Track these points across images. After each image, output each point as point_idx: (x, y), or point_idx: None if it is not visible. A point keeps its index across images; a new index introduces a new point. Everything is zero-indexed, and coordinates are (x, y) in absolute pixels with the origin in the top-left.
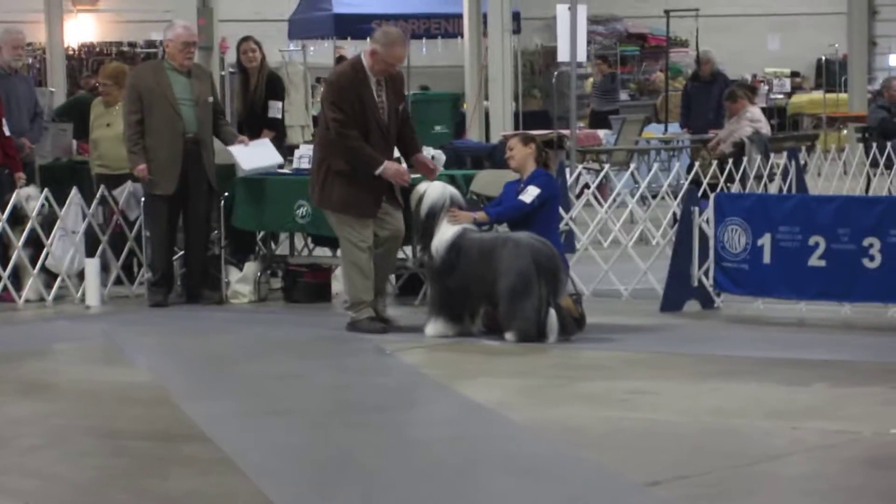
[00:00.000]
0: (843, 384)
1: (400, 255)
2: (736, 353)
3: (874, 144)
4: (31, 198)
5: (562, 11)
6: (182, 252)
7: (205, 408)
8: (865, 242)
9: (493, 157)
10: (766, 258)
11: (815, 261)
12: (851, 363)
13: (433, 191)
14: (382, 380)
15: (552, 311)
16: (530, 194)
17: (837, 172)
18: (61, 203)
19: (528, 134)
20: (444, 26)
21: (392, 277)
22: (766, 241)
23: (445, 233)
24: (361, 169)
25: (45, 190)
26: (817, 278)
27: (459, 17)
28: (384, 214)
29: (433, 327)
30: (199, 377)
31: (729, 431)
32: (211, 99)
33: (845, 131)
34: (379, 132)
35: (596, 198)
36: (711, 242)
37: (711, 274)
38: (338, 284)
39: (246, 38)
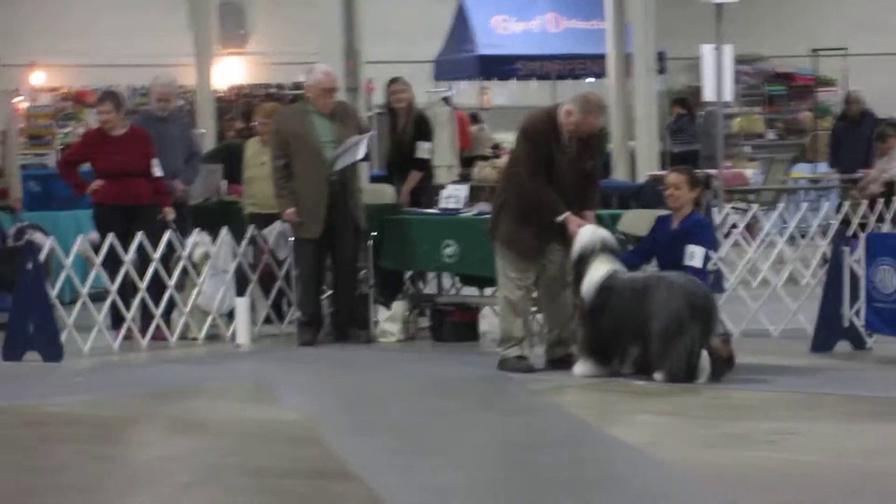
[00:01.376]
0: None
1: None
2: (887, 395)
3: None
4: (199, 244)
5: (707, 51)
6: (331, 291)
7: (354, 446)
8: None
9: (640, 196)
10: None
11: None
12: None
13: (585, 233)
14: (530, 419)
15: (703, 352)
16: (698, 257)
17: None
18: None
19: (695, 175)
20: (589, 66)
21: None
22: None
23: (595, 274)
24: (539, 211)
25: (197, 230)
26: None
27: (603, 57)
28: (548, 258)
29: (582, 367)
30: (348, 415)
31: (878, 474)
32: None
33: None
34: (560, 186)
35: (745, 237)
36: (862, 282)
37: (863, 314)
38: (485, 323)
39: (395, 80)
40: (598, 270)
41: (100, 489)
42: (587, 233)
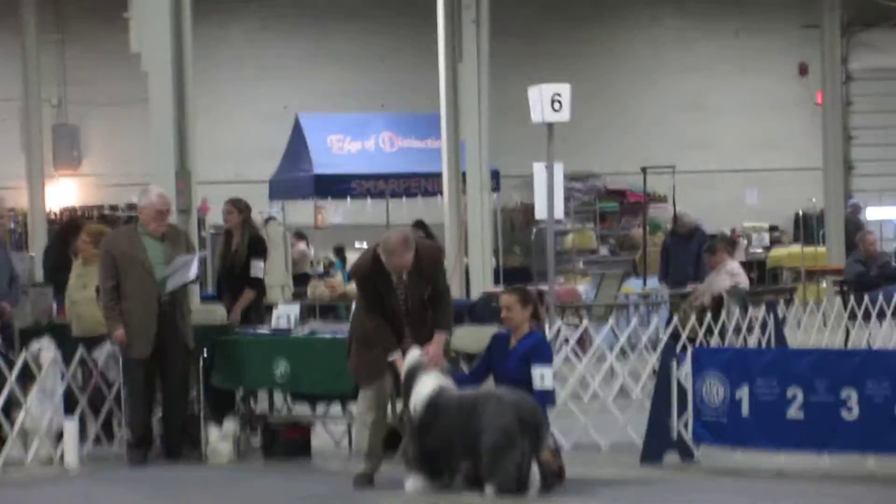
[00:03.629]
0: None
1: None
2: None
3: (852, 297)
4: (44, 349)
5: (538, 169)
6: (161, 412)
7: None
8: (843, 394)
9: (473, 312)
10: (745, 411)
11: (793, 412)
12: None
13: (411, 355)
14: None
15: (534, 466)
16: (548, 379)
17: (816, 324)
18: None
19: (526, 293)
20: (423, 185)
21: None
22: (744, 393)
23: (422, 390)
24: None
25: (24, 350)
26: (795, 430)
27: (439, 175)
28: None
29: (412, 483)
30: None
31: None
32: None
33: (824, 284)
34: (395, 318)
35: (576, 352)
36: (690, 395)
37: (690, 426)
38: (317, 441)
39: (229, 200)
40: (426, 386)
41: None
42: (414, 354)
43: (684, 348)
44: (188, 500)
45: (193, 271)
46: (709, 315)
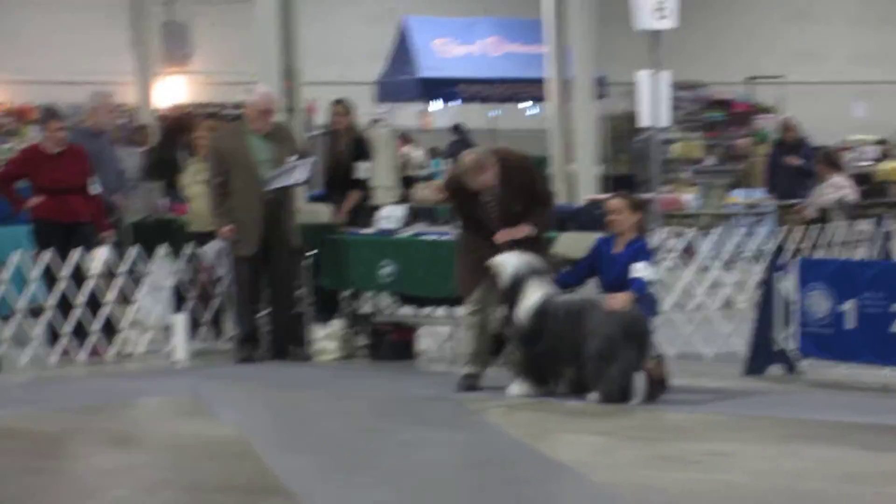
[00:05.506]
0: None
1: None
2: (817, 417)
3: None
4: (97, 258)
5: (643, 77)
6: (269, 309)
7: (289, 463)
8: None
9: (578, 219)
10: (850, 323)
11: None
12: None
13: (511, 260)
14: (464, 438)
15: (637, 374)
16: (648, 272)
17: None
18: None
19: (636, 199)
20: (529, 91)
21: None
22: (849, 306)
23: (530, 299)
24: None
25: (137, 245)
26: None
27: (542, 81)
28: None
29: (518, 388)
30: (284, 433)
31: (808, 495)
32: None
33: None
34: (489, 230)
35: (681, 261)
36: (794, 308)
37: (794, 339)
38: (423, 342)
39: (336, 101)
40: (533, 294)
41: (35, 503)
42: (513, 259)
43: (790, 260)
44: (293, 397)
45: (302, 174)
46: (816, 227)
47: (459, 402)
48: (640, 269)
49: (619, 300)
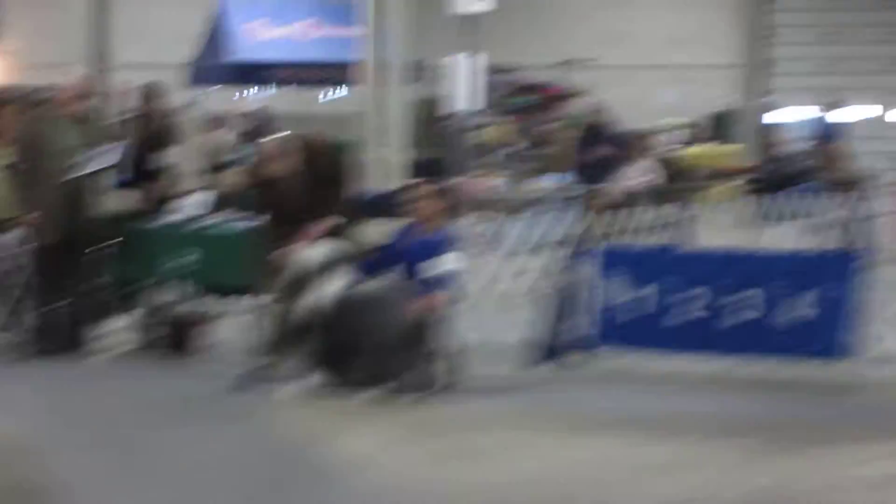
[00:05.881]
0: (712, 437)
1: None
2: (608, 408)
3: (766, 196)
4: None
5: (458, 60)
6: (70, 299)
7: (62, 463)
8: (747, 294)
9: (385, 205)
10: (650, 309)
11: (697, 313)
12: (721, 416)
13: (314, 249)
14: (252, 432)
15: (430, 364)
16: (452, 263)
17: (729, 224)
18: None
19: (442, 186)
20: (342, 74)
21: None
22: (650, 292)
23: (329, 288)
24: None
25: None
26: (698, 330)
27: (356, 64)
28: None
29: (308, 381)
30: (60, 431)
31: (591, 483)
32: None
33: (738, 182)
34: (292, 217)
35: (486, 247)
36: (595, 293)
37: (594, 325)
38: (222, 332)
39: (147, 85)
40: (333, 284)
41: None
42: (316, 249)
43: (592, 246)
44: (86, 391)
45: (112, 158)
46: (620, 212)
47: (251, 396)
48: (445, 262)
49: (430, 304)
